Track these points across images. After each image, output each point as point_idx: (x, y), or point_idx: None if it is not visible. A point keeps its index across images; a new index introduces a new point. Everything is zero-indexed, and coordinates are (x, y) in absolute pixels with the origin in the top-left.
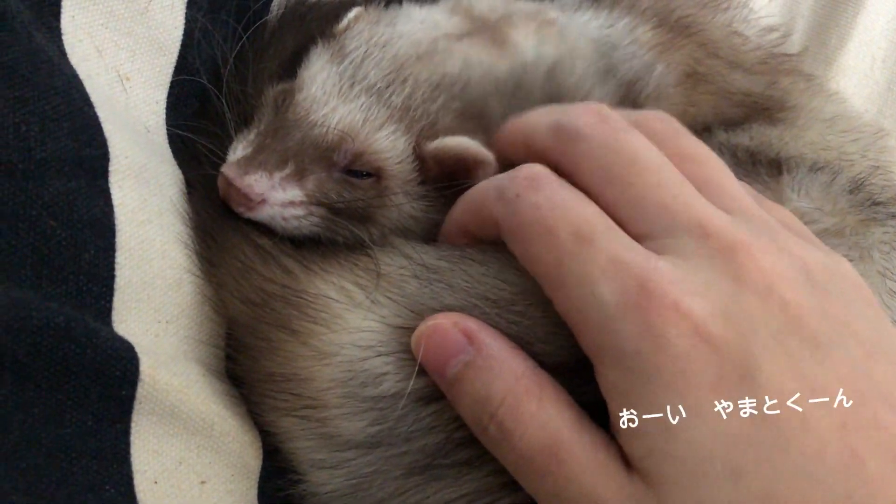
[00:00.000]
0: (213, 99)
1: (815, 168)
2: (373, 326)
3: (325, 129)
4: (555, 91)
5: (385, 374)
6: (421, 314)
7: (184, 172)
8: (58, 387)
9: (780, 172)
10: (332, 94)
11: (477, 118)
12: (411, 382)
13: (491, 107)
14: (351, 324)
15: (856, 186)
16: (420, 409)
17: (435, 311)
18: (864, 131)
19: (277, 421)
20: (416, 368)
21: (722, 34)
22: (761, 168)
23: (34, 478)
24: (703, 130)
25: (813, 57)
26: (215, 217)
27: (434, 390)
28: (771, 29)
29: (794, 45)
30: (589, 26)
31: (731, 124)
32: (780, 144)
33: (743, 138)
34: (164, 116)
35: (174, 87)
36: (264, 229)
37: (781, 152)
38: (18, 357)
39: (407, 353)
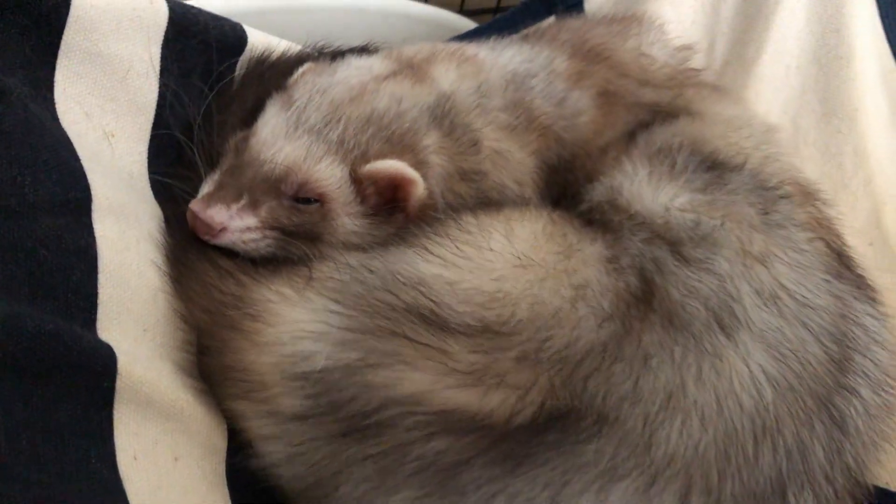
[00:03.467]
0: (186, 149)
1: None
2: (303, 316)
3: (273, 165)
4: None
5: (314, 353)
6: (341, 301)
7: (163, 210)
8: (51, 381)
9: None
10: (279, 135)
11: (405, 142)
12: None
13: (419, 131)
14: (286, 317)
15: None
16: (345, 381)
17: (357, 295)
18: (756, 128)
19: (233, 405)
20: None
21: (631, 57)
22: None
23: (34, 453)
24: (628, 139)
25: (733, 69)
26: (185, 245)
27: (357, 364)
28: (684, 48)
29: (716, 60)
30: (513, 60)
31: (645, 126)
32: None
33: (674, 138)
34: (146, 165)
35: (153, 140)
36: (230, 253)
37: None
38: (17, 357)
39: (332, 333)
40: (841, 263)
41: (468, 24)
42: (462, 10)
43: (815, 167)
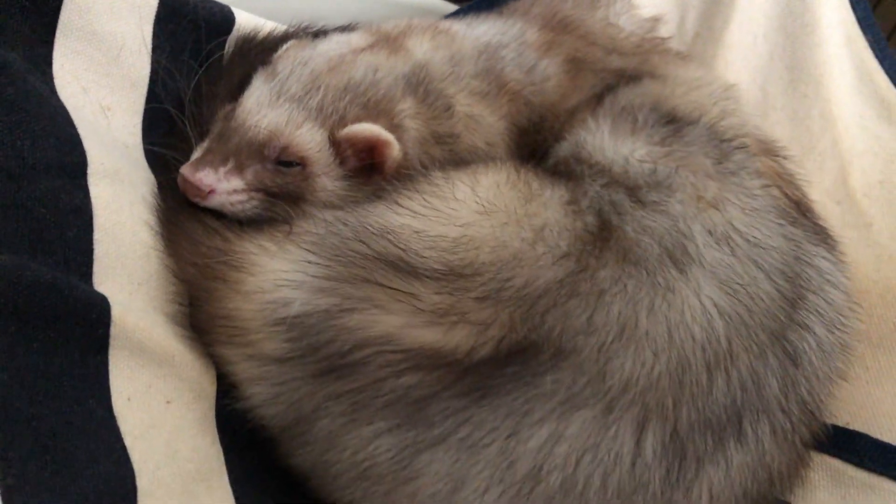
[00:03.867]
0: (178, 121)
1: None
2: (282, 266)
3: (257, 131)
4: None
5: (293, 299)
6: (317, 252)
7: (156, 177)
8: (50, 327)
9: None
10: (263, 104)
11: (380, 108)
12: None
13: (394, 98)
14: (267, 267)
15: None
16: (322, 324)
17: (333, 246)
18: (715, 87)
19: (219, 351)
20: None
21: (599, 27)
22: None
23: (35, 393)
24: (596, 101)
25: (703, 40)
26: (176, 207)
27: (333, 309)
28: (651, 19)
29: (687, 32)
30: (487, 33)
31: (612, 89)
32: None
33: (637, 98)
34: (141, 136)
35: (147, 113)
36: (218, 215)
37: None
38: (18, 305)
39: (310, 281)
40: (799, 212)
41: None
42: None
43: (784, 131)
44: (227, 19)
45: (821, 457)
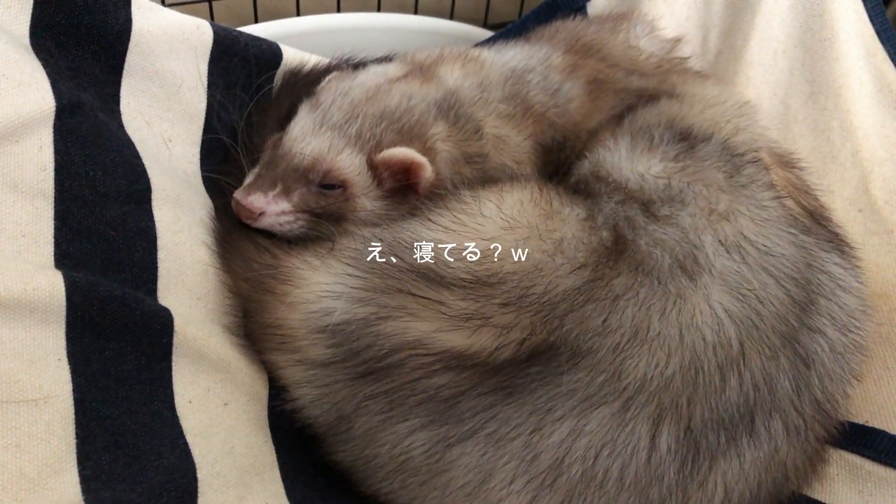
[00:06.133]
0: (232, 150)
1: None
2: (325, 279)
3: (302, 158)
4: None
5: (334, 309)
6: (356, 266)
7: (212, 200)
8: (120, 336)
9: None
10: (307, 132)
11: (414, 133)
12: (348, 311)
13: (427, 122)
14: (311, 280)
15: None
16: (360, 331)
17: (368, 260)
18: (729, 105)
19: (270, 357)
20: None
21: (620, 49)
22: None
23: (108, 395)
24: (616, 121)
25: (725, 58)
26: (231, 228)
27: (370, 317)
28: (671, 40)
29: (709, 51)
30: (514, 59)
31: (632, 109)
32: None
33: (654, 117)
34: (199, 164)
35: (204, 143)
36: (268, 234)
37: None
38: (93, 317)
39: (349, 292)
40: (812, 220)
41: None
42: (486, 24)
43: (806, 143)
44: (276, 55)
45: (839, 452)
